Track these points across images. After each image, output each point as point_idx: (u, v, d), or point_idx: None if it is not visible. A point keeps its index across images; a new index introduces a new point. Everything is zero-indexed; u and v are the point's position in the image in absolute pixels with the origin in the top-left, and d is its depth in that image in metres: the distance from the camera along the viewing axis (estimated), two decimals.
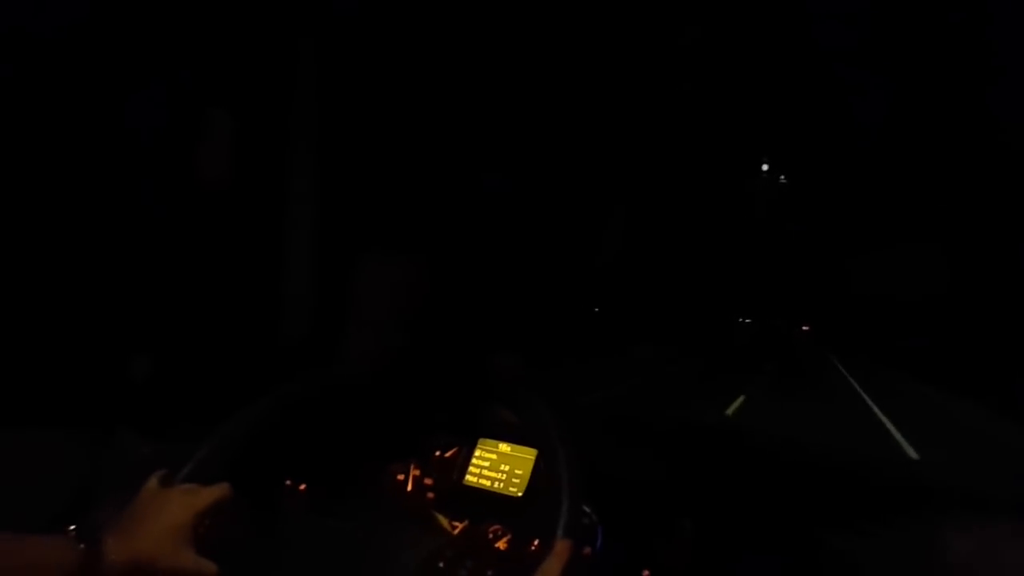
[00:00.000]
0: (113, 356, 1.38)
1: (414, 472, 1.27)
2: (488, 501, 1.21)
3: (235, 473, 0.93)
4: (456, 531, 1.17)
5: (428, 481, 1.26)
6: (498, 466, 1.24)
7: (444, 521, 1.19)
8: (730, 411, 9.29)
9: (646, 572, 1.12)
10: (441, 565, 1.05)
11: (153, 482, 0.88)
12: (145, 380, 1.40)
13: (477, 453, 1.27)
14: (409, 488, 1.27)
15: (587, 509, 1.11)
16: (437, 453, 1.29)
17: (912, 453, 7.59)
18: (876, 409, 10.91)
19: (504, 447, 1.26)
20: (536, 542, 1.09)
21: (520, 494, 1.20)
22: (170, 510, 0.84)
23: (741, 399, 10.39)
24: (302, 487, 1.20)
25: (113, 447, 1.26)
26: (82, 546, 0.76)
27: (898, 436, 8.45)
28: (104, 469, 1.22)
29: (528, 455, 1.23)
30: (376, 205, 1.77)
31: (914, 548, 1.19)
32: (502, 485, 1.22)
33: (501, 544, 1.13)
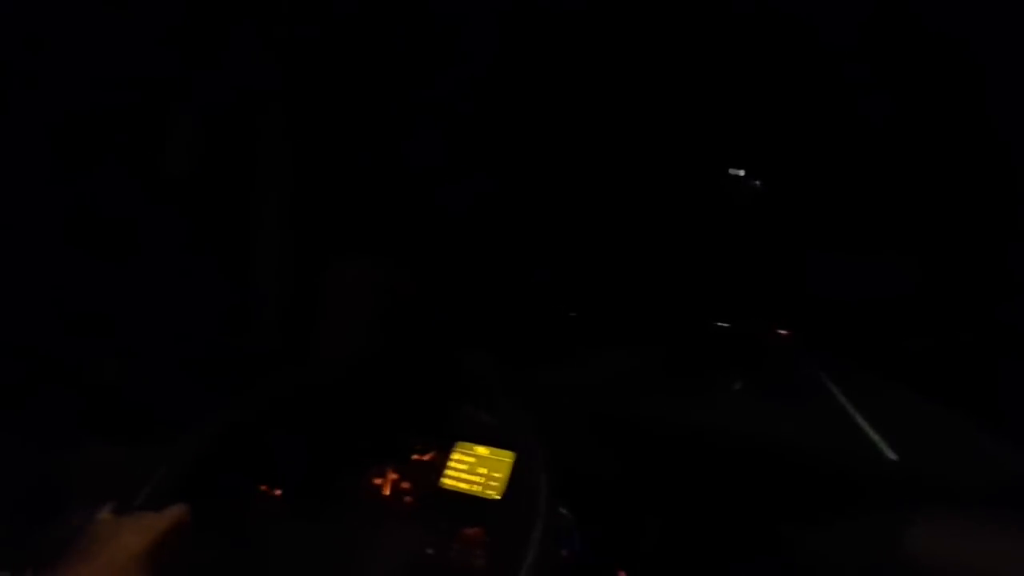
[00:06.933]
0: (80, 359, 1.36)
1: (391, 476, 1.27)
2: (466, 504, 1.21)
3: (205, 481, 0.92)
4: (436, 533, 1.17)
5: (405, 485, 1.26)
6: (476, 469, 1.24)
7: (423, 524, 1.18)
8: None
9: (622, 573, 1.12)
10: (419, 569, 1.05)
11: (105, 513, 0.84)
12: (113, 383, 1.38)
13: (455, 456, 1.27)
14: (386, 492, 1.26)
15: (564, 511, 1.11)
16: (414, 456, 1.29)
17: (889, 453, 7.70)
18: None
19: (482, 450, 1.26)
20: (514, 544, 1.08)
21: (498, 497, 1.20)
22: (121, 538, 0.79)
23: None
24: (277, 492, 1.18)
25: (80, 453, 1.24)
26: None
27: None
28: (71, 476, 1.19)
29: (506, 458, 1.22)
30: (349, 207, 1.76)
31: (879, 542, 1.20)
32: (480, 488, 1.22)
33: (480, 546, 1.13)
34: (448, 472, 1.26)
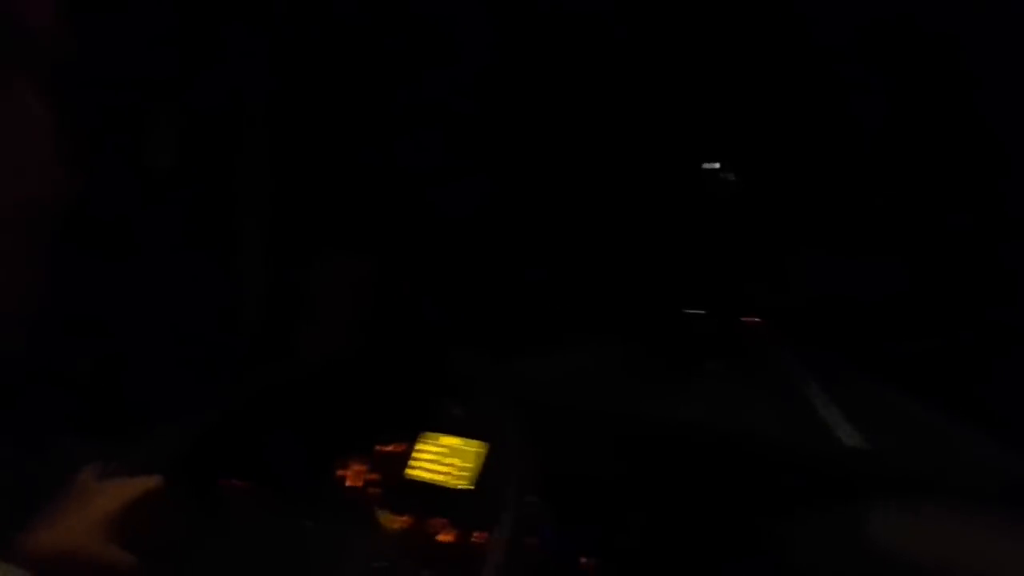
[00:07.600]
0: (64, 359, 1.35)
1: (359, 468, 1.28)
2: (434, 494, 1.21)
3: (176, 470, 0.93)
4: (402, 525, 1.19)
5: (373, 476, 1.27)
6: (445, 459, 1.25)
7: (389, 516, 1.19)
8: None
9: (591, 562, 1.15)
10: (386, 559, 1.06)
11: (84, 475, 0.84)
12: (92, 383, 1.37)
13: (424, 447, 1.27)
14: (355, 483, 1.27)
15: (533, 499, 1.13)
16: (384, 448, 1.30)
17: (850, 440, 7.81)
18: None
19: (452, 440, 1.26)
20: (482, 534, 1.10)
21: (467, 487, 1.21)
22: (96, 501, 0.79)
23: None
24: (245, 485, 1.19)
25: (57, 454, 1.23)
26: None
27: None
28: (47, 477, 1.19)
29: (476, 448, 1.23)
30: (330, 206, 1.76)
31: (846, 532, 1.23)
32: (450, 478, 1.23)
33: (447, 537, 1.15)
34: (417, 463, 1.26)
